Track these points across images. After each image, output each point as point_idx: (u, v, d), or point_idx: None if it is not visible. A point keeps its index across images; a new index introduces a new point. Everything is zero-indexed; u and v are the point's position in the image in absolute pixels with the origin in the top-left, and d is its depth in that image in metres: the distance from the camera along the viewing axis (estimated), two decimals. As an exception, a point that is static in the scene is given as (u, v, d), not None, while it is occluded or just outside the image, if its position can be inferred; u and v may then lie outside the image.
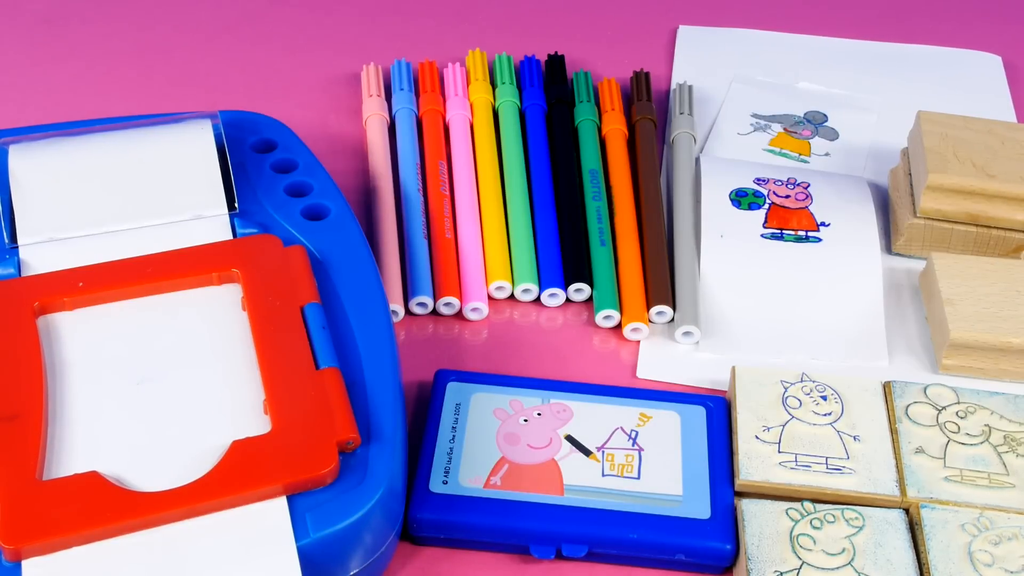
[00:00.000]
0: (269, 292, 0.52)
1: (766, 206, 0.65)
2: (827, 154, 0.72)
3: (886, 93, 0.78)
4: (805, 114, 0.75)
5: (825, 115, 0.75)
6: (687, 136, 0.71)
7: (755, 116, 0.75)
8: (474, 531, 0.51)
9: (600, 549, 0.50)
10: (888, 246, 0.66)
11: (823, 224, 0.64)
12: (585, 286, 0.62)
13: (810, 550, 0.49)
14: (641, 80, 0.75)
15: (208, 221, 0.55)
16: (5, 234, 0.54)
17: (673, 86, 0.76)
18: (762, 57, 0.80)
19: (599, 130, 0.71)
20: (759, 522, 0.50)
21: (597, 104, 0.73)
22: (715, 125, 0.74)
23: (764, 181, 0.67)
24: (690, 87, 0.74)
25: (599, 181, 0.67)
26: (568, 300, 0.63)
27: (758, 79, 0.78)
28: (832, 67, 0.80)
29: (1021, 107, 0.77)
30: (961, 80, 0.79)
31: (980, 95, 0.78)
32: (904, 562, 0.49)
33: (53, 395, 0.48)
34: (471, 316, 0.62)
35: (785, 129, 0.74)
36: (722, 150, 0.72)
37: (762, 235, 0.64)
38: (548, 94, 0.73)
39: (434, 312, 0.62)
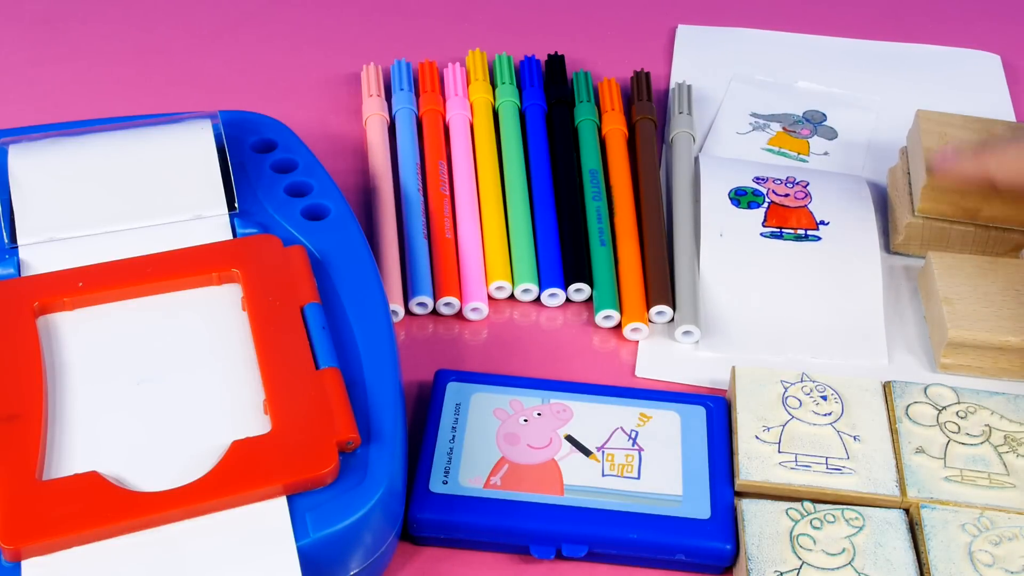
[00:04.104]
0: (269, 292, 0.52)
1: (765, 205, 0.65)
2: (826, 153, 0.72)
3: (885, 92, 0.78)
4: (804, 113, 0.75)
5: (824, 114, 0.75)
6: (686, 135, 0.71)
7: (754, 115, 0.75)
8: (474, 531, 0.51)
9: (600, 549, 0.50)
10: (887, 245, 0.66)
11: (822, 223, 0.64)
12: (585, 286, 0.62)
13: (810, 550, 0.49)
14: (641, 80, 0.75)
15: (208, 221, 0.55)
16: (5, 234, 0.54)
17: (672, 85, 0.76)
18: (761, 56, 0.80)
19: (599, 130, 0.71)
20: (759, 522, 0.50)
21: (597, 104, 0.73)
22: (714, 124, 0.74)
23: (763, 180, 0.67)
24: (689, 86, 0.74)
25: (599, 181, 0.67)
26: (568, 300, 0.63)
27: (757, 78, 0.78)
28: (831, 66, 0.80)
29: (1020, 106, 0.77)
30: (960, 79, 0.79)
31: (979, 94, 0.78)
32: (904, 562, 0.49)
33: (53, 395, 0.48)
34: (471, 316, 0.62)
35: (784, 128, 0.74)
36: (721, 149, 0.72)
37: (761, 234, 0.64)
38: (548, 94, 0.73)
39: (434, 312, 0.62)
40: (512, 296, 0.63)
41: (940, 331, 0.59)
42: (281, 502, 0.45)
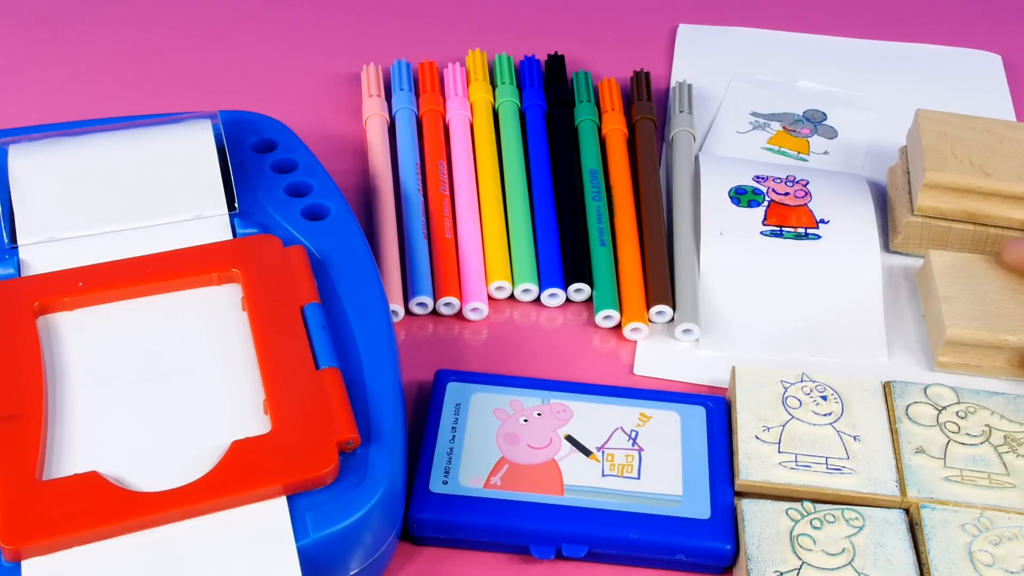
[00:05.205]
0: (269, 292, 0.52)
1: (765, 203, 0.65)
2: (826, 152, 0.72)
3: (885, 92, 0.78)
4: (804, 112, 0.75)
5: (824, 113, 0.75)
6: (686, 134, 0.71)
7: (754, 114, 0.75)
8: (474, 531, 0.51)
9: (600, 549, 0.50)
10: (886, 244, 0.66)
11: (822, 221, 0.64)
12: (585, 286, 0.62)
13: (810, 550, 0.49)
14: (641, 80, 0.75)
15: (208, 221, 0.55)
16: (5, 234, 0.54)
17: (672, 84, 0.76)
18: (761, 56, 0.80)
19: (599, 130, 0.71)
20: (759, 522, 0.50)
21: (597, 104, 0.73)
22: (714, 123, 0.74)
23: (763, 179, 0.67)
24: (689, 85, 0.74)
25: (599, 181, 0.67)
26: (568, 300, 0.63)
27: (757, 77, 0.78)
28: (831, 66, 0.80)
29: (1021, 106, 0.77)
30: (961, 79, 0.79)
31: (980, 94, 0.78)
32: (904, 562, 0.49)
33: (53, 395, 0.48)
34: (471, 316, 0.62)
35: (784, 127, 0.74)
36: (721, 148, 0.72)
37: (761, 232, 0.64)
38: (548, 94, 0.73)
39: (434, 312, 0.62)
40: (512, 296, 0.63)
41: (938, 329, 0.59)
42: (281, 502, 0.45)
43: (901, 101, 0.76)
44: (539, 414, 0.55)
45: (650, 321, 0.61)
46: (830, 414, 0.54)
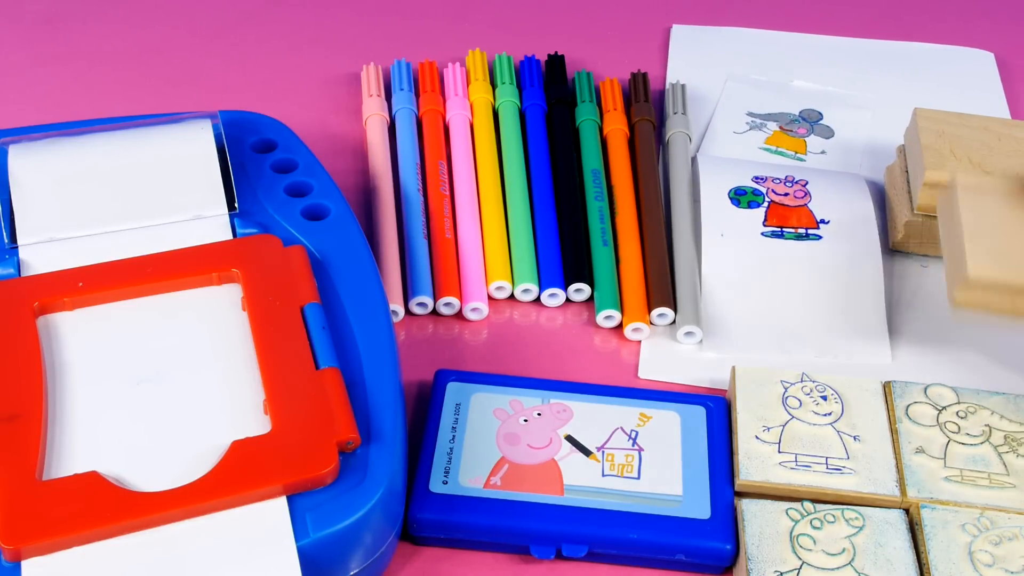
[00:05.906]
0: (269, 292, 0.52)
1: (765, 204, 0.65)
2: (823, 152, 0.72)
3: (880, 90, 0.78)
4: (800, 112, 0.75)
5: (820, 113, 0.75)
6: (682, 135, 0.71)
7: (750, 115, 0.75)
8: (474, 531, 0.51)
9: (600, 549, 0.50)
10: (886, 243, 0.66)
11: (823, 221, 0.64)
12: (585, 286, 0.62)
13: (810, 550, 0.49)
14: (639, 81, 0.75)
15: (208, 221, 0.55)
16: (5, 234, 0.54)
17: (666, 86, 0.76)
18: (756, 56, 0.80)
19: (600, 130, 0.71)
20: (759, 522, 0.50)
21: (599, 104, 0.73)
22: (710, 124, 0.74)
23: (762, 179, 0.67)
24: (683, 86, 0.74)
25: (601, 181, 0.67)
26: (568, 300, 0.63)
27: (753, 78, 0.78)
28: (826, 65, 0.80)
29: (1014, 103, 0.77)
30: (954, 77, 0.79)
31: (973, 92, 0.78)
32: (904, 562, 0.49)
33: (53, 395, 0.48)
34: (471, 316, 0.62)
35: (781, 127, 0.74)
36: (718, 149, 0.72)
37: (762, 233, 0.64)
38: (548, 94, 0.73)
39: (434, 312, 0.62)
40: (512, 296, 0.63)
41: (958, 267, 0.55)
42: (281, 502, 0.45)
43: (895, 99, 0.77)
44: (539, 414, 0.55)
45: (651, 323, 0.61)
46: (830, 414, 0.55)
